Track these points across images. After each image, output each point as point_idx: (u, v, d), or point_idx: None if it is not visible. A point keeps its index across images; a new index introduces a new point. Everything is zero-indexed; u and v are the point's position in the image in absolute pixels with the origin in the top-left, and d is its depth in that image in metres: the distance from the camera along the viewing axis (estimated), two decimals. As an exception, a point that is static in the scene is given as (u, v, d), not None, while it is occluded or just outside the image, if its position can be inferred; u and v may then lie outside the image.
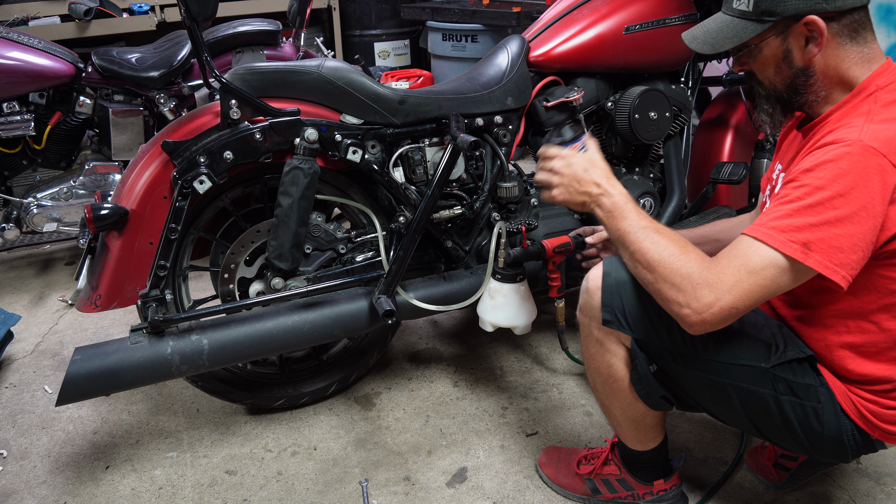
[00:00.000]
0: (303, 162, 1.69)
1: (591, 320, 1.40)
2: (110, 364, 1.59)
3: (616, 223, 1.27)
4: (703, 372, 1.31)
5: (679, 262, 1.16)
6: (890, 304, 1.20)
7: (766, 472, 1.67)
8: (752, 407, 1.30)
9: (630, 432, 1.52)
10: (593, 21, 2.01)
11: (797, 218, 1.10)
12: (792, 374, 1.26)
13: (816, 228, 1.08)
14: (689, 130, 2.24)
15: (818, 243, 1.08)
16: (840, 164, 1.09)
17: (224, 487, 1.76)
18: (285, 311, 1.75)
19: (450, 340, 2.38)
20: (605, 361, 1.42)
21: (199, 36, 1.60)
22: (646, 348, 1.36)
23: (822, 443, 1.29)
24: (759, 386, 1.27)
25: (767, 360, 1.26)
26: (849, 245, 1.08)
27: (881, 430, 1.27)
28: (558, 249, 1.83)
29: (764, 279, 1.11)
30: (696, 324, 1.14)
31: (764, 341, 1.28)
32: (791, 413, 1.27)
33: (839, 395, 1.27)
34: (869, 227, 1.08)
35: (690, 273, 1.14)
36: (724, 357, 1.28)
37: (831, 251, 1.08)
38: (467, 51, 4.00)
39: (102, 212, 1.64)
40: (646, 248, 1.21)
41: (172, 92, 2.84)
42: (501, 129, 1.96)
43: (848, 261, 1.08)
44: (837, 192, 1.07)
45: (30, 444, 1.93)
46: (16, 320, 2.35)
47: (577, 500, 1.66)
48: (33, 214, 2.77)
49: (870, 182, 1.07)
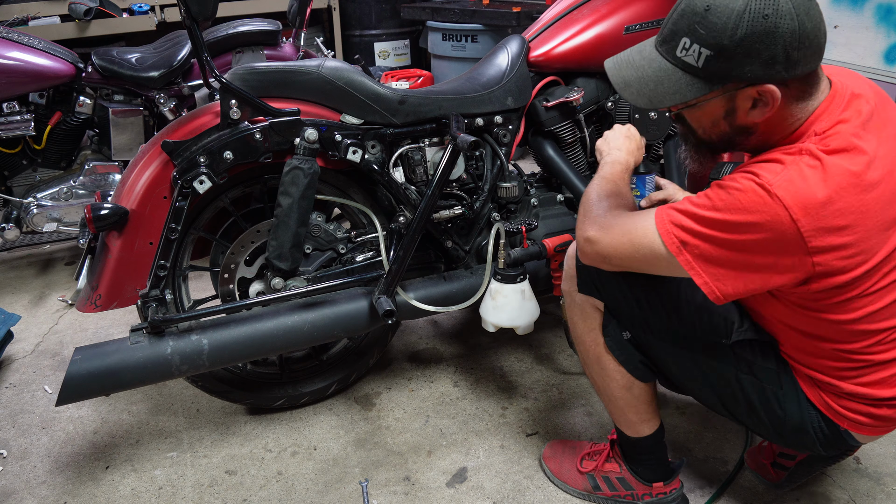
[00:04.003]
0: (303, 162, 1.69)
1: (571, 289, 1.48)
2: (110, 364, 1.59)
3: (596, 172, 1.47)
4: (670, 344, 1.36)
5: (601, 202, 1.32)
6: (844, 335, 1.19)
7: (764, 472, 1.67)
8: (718, 384, 1.34)
9: (618, 410, 1.52)
10: (593, 21, 2.01)
11: (689, 220, 1.14)
12: (752, 354, 1.30)
13: (697, 236, 1.13)
14: (689, 130, 2.24)
15: (692, 248, 1.14)
16: (737, 194, 1.09)
17: (224, 487, 1.76)
18: (285, 311, 1.75)
19: (450, 340, 2.38)
20: (587, 326, 1.48)
21: (199, 36, 1.60)
22: (617, 316, 1.42)
23: (786, 430, 1.31)
24: (720, 361, 1.32)
25: (729, 336, 1.30)
26: (720, 260, 1.12)
27: (850, 421, 1.26)
28: (559, 248, 1.83)
29: (638, 249, 1.21)
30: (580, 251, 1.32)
31: (728, 317, 1.31)
32: (752, 394, 1.31)
33: (802, 383, 1.28)
34: (749, 257, 1.10)
35: (598, 213, 1.30)
36: (688, 329, 1.33)
37: (699, 259, 1.14)
38: (467, 51, 4.00)
39: (102, 212, 1.64)
40: (591, 188, 1.39)
41: (172, 92, 2.84)
42: (501, 129, 1.96)
43: (715, 272, 1.14)
44: (725, 220, 1.10)
45: (30, 444, 1.93)
46: (16, 320, 2.36)
47: (578, 495, 1.67)
48: (33, 214, 2.77)
49: (761, 224, 1.07)
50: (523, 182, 2.05)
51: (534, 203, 2.06)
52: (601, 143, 1.57)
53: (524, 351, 2.29)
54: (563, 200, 2.11)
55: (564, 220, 2.07)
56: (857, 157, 1.08)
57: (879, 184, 1.09)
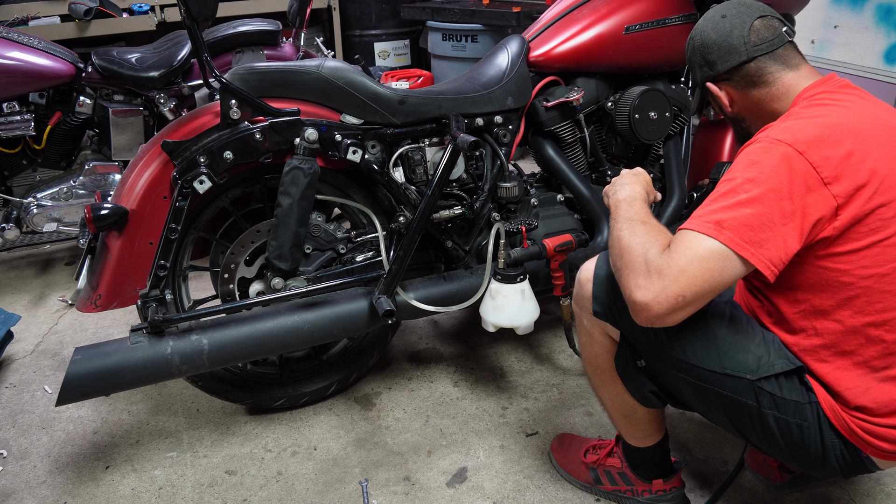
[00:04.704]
0: (303, 162, 1.69)
1: (583, 311, 1.45)
2: (110, 364, 1.59)
3: (612, 216, 1.34)
4: (687, 375, 1.30)
5: (644, 248, 1.18)
6: (846, 298, 1.20)
7: (768, 472, 1.67)
8: (736, 416, 1.28)
9: (622, 425, 1.53)
10: (593, 21, 2.01)
11: (714, 205, 1.17)
12: (778, 389, 1.24)
13: (728, 209, 1.15)
14: (689, 130, 2.24)
15: (730, 221, 1.14)
16: (749, 156, 1.19)
17: (224, 487, 1.76)
18: (285, 312, 1.75)
19: (450, 340, 2.38)
20: (594, 351, 1.47)
21: (199, 36, 1.60)
22: (634, 345, 1.38)
23: (808, 459, 1.27)
24: (742, 397, 1.25)
25: (753, 372, 1.24)
26: (759, 224, 1.13)
27: (872, 447, 1.23)
28: (560, 248, 1.83)
29: (703, 266, 1.12)
30: (644, 308, 1.14)
31: (752, 351, 1.26)
32: (774, 427, 1.25)
33: (827, 410, 1.24)
34: (778, 208, 1.13)
35: (644, 259, 1.17)
36: (709, 363, 1.26)
37: (741, 229, 1.13)
38: (467, 51, 4.00)
39: (102, 212, 1.64)
40: (623, 235, 1.24)
41: (172, 92, 2.84)
42: (501, 129, 1.96)
43: (758, 238, 1.13)
44: (746, 178, 1.16)
45: (30, 444, 1.93)
46: (16, 320, 2.35)
47: (581, 487, 1.69)
48: (33, 214, 2.77)
49: (777, 168, 1.15)
50: (523, 182, 2.05)
51: (534, 203, 2.06)
52: (608, 187, 1.46)
53: (524, 351, 2.29)
54: (563, 200, 2.11)
55: (564, 220, 2.07)
56: (841, 105, 1.23)
57: (871, 125, 1.20)
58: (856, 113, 1.21)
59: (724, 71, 1.36)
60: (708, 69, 1.39)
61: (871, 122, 1.21)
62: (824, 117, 1.20)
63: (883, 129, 1.21)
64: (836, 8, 2.99)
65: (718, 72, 1.37)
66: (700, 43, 1.39)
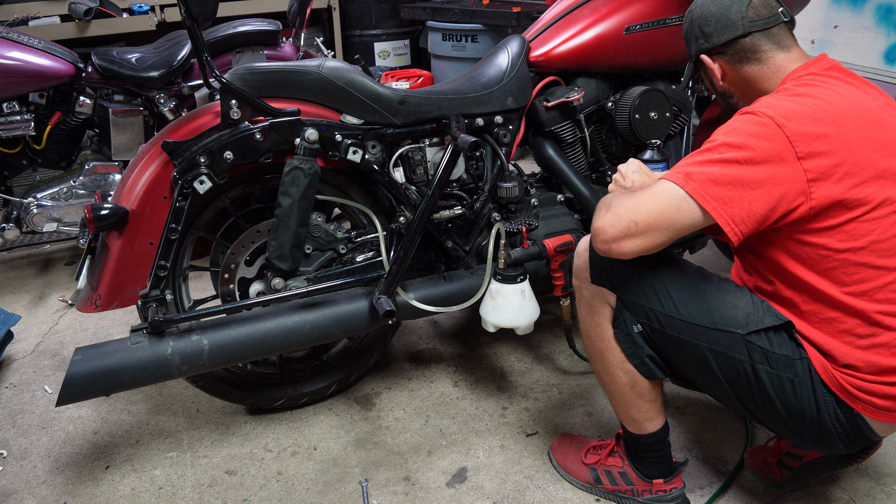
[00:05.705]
0: (303, 162, 1.69)
1: (582, 282, 1.50)
2: (110, 364, 1.59)
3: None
4: (682, 334, 1.36)
5: (619, 193, 1.33)
6: (824, 269, 1.26)
7: (767, 471, 1.66)
8: (732, 376, 1.34)
9: (622, 407, 1.53)
10: (593, 21, 2.01)
11: (688, 160, 1.28)
12: (768, 343, 1.31)
13: (699, 165, 1.25)
14: (689, 130, 2.24)
15: (698, 175, 1.24)
16: (731, 124, 1.28)
17: (224, 487, 1.76)
18: (285, 312, 1.75)
19: (450, 340, 2.38)
20: (595, 321, 1.49)
21: (199, 36, 1.60)
22: (630, 307, 1.43)
23: (805, 423, 1.32)
24: (734, 352, 1.32)
25: (743, 326, 1.31)
26: (725, 181, 1.22)
27: (864, 403, 1.28)
28: (560, 248, 1.83)
29: (659, 202, 1.24)
30: (601, 231, 1.28)
31: (741, 308, 1.33)
32: (768, 384, 1.31)
33: (818, 367, 1.29)
34: (749, 173, 1.21)
35: (614, 198, 1.31)
36: (700, 319, 1.34)
37: (707, 183, 1.23)
38: (467, 51, 4.00)
39: (102, 212, 1.64)
40: (612, 196, 1.37)
41: (172, 92, 2.84)
42: (502, 129, 1.96)
43: (723, 195, 1.22)
44: (724, 142, 1.25)
45: (30, 444, 1.93)
46: (16, 320, 2.36)
47: (581, 487, 1.69)
48: (33, 214, 2.77)
49: (755, 136, 1.22)
50: (523, 182, 2.05)
51: (534, 203, 2.06)
52: (617, 175, 1.53)
53: (524, 351, 2.29)
54: (563, 200, 2.11)
55: (565, 220, 2.07)
56: (825, 86, 1.29)
57: (852, 108, 1.25)
58: (839, 94, 1.27)
59: (720, 44, 1.41)
60: (704, 41, 1.43)
61: (853, 103, 1.27)
62: (807, 97, 1.27)
63: (863, 112, 1.26)
64: (836, 8, 2.99)
65: (714, 44, 1.41)
66: (699, 15, 1.44)
